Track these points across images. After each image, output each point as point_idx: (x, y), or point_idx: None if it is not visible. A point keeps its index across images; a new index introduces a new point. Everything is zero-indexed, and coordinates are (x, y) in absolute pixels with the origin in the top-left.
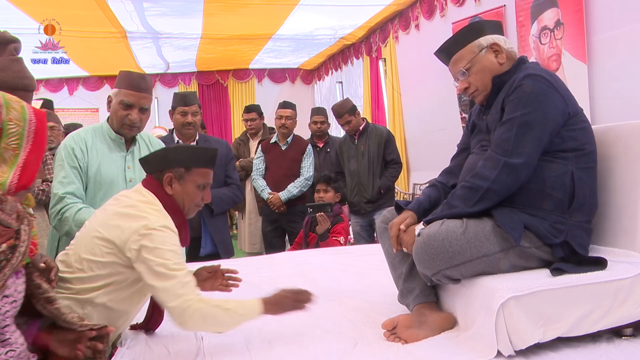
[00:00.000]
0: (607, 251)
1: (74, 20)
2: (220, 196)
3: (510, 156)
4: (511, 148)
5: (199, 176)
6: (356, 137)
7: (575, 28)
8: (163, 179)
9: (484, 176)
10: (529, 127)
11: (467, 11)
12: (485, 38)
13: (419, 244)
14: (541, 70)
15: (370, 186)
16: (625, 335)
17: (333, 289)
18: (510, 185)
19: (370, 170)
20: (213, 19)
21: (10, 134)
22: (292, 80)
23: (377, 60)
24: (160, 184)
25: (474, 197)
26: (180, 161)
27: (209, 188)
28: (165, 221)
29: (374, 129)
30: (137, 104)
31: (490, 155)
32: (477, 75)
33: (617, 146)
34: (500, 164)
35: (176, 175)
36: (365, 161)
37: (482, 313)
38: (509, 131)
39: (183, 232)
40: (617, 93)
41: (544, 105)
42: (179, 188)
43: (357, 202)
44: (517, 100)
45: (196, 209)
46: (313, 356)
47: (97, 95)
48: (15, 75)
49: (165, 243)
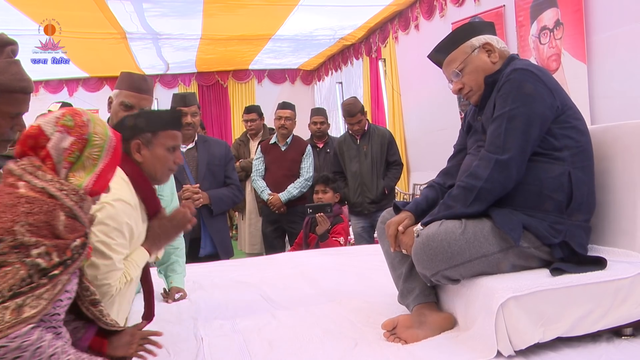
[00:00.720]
0: (607, 251)
1: (74, 21)
2: (220, 196)
3: (502, 153)
4: (502, 144)
5: (167, 139)
6: (358, 138)
7: (574, 28)
8: (130, 148)
9: (477, 175)
10: (517, 122)
11: (467, 11)
12: (477, 38)
13: (418, 244)
14: (528, 64)
15: (374, 187)
16: (625, 335)
17: (333, 289)
18: (504, 182)
19: (373, 171)
20: (213, 20)
21: (94, 145)
22: (292, 81)
23: (376, 60)
24: (128, 155)
25: (469, 196)
26: (145, 127)
27: (179, 150)
28: (120, 194)
29: (375, 129)
30: (137, 105)
31: (483, 154)
32: (470, 76)
33: (617, 146)
34: (492, 162)
35: (143, 142)
36: (369, 162)
37: (482, 313)
38: (499, 127)
39: (151, 200)
40: (616, 93)
41: (531, 99)
42: (149, 154)
43: (360, 202)
44: (505, 96)
45: (169, 174)
46: (313, 357)
47: (97, 97)
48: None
49: (113, 219)
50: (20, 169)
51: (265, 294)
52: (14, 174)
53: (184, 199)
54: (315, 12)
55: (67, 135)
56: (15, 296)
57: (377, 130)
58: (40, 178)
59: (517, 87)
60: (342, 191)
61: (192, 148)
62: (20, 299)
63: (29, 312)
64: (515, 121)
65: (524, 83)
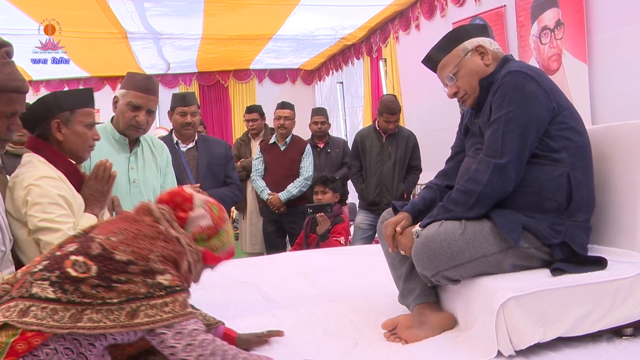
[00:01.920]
0: (607, 251)
1: (75, 20)
2: (220, 196)
3: (500, 157)
4: (500, 148)
5: (85, 116)
6: (384, 136)
7: (575, 28)
8: (50, 127)
9: (476, 180)
10: (514, 125)
11: (468, 11)
12: (470, 41)
13: (418, 245)
14: (522, 65)
15: (394, 189)
16: (625, 335)
17: (334, 289)
18: (503, 186)
19: (395, 173)
20: (214, 19)
21: (220, 239)
22: (292, 81)
23: (377, 60)
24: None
25: (469, 201)
26: (62, 105)
27: (95, 127)
28: (41, 172)
29: (401, 130)
30: (145, 106)
31: (482, 158)
32: (464, 79)
33: (618, 146)
34: (490, 167)
35: (63, 120)
36: (392, 163)
37: (482, 313)
38: (496, 131)
39: (73, 174)
40: (617, 93)
41: (526, 101)
42: (69, 132)
43: (378, 201)
44: (501, 99)
45: (90, 150)
46: (314, 356)
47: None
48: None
49: (44, 196)
50: (159, 213)
51: (266, 294)
52: (152, 214)
53: None
54: (316, 11)
55: (209, 218)
56: (131, 301)
57: (402, 131)
58: (175, 229)
59: (511, 89)
60: (360, 186)
61: (192, 148)
62: (135, 304)
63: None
64: (511, 124)
65: (518, 85)
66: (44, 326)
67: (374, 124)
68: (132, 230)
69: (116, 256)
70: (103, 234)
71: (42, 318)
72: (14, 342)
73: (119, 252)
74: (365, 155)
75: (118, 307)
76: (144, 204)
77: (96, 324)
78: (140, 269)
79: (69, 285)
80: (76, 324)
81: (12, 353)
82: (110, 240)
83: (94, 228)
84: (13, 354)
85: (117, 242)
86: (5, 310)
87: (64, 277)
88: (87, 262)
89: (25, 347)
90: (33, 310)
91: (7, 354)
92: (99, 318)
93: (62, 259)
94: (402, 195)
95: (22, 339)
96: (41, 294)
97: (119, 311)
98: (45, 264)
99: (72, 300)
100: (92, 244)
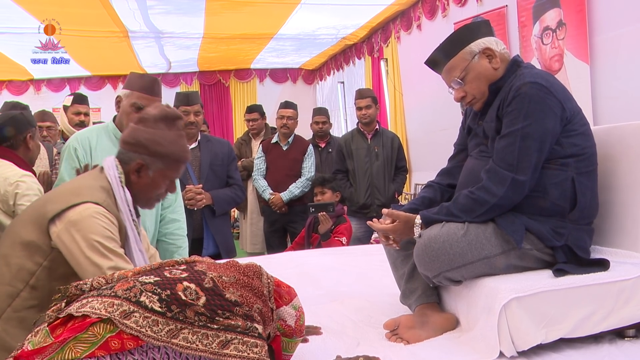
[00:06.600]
0: (610, 252)
1: (77, 19)
2: (222, 197)
3: (517, 172)
4: (516, 163)
5: None
6: (369, 137)
7: (577, 28)
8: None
9: (491, 191)
10: (531, 140)
11: (469, 11)
12: (476, 43)
13: (420, 246)
14: (537, 75)
15: (385, 190)
16: (627, 337)
17: (335, 289)
18: (516, 200)
19: (385, 174)
20: (215, 18)
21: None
22: (293, 80)
23: (378, 60)
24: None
25: (479, 209)
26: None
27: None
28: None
29: (384, 131)
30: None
31: (496, 169)
32: (473, 84)
33: (620, 146)
34: (507, 181)
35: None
36: (380, 163)
37: (484, 314)
38: (512, 145)
39: None
40: (619, 93)
41: (543, 114)
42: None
43: (369, 203)
44: (517, 112)
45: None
46: (315, 356)
47: (99, 95)
48: (182, 149)
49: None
50: (267, 281)
51: None
52: (261, 279)
53: (187, 199)
54: (318, 11)
55: (294, 321)
56: (227, 331)
57: (386, 132)
58: (271, 303)
59: (528, 102)
60: (348, 191)
61: (195, 148)
62: (230, 336)
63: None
64: (528, 140)
65: (535, 98)
66: (142, 334)
67: (357, 126)
68: (244, 280)
69: (226, 295)
70: (215, 271)
71: (142, 326)
72: (110, 337)
73: (229, 293)
74: (353, 158)
75: (215, 334)
76: (256, 266)
77: (189, 344)
78: (244, 312)
79: (176, 307)
80: (171, 340)
81: (105, 347)
82: (222, 279)
83: (198, 262)
84: (105, 348)
85: (229, 283)
86: (109, 306)
87: (174, 297)
88: (198, 292)
89: (118, 346)
90: (135, 317)
91: (100, 346)
92: (193, 340)
93: (174, 282)
94: (393, 196)
95: (117, 337)
96: (148, 304)
97: (213, 338)
98: (157, 280)
99: (175, 317)
100: (204, 277)
